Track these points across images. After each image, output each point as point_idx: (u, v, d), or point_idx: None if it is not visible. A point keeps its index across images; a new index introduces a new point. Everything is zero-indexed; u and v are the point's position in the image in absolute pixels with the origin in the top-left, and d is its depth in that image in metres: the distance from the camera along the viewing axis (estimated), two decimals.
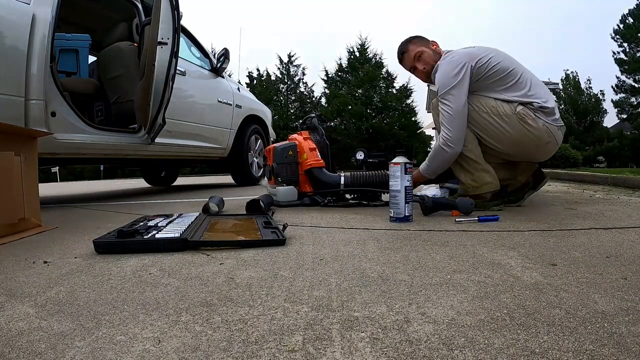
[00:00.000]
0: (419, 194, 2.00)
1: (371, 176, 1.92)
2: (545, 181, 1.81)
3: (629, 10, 18.59)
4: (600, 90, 19.53)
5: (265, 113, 4.48)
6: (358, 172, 1.97)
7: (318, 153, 2.05)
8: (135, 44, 2.95)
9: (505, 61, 1.63)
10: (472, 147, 1.65)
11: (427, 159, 1.75)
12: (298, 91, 20.03)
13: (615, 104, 19.48)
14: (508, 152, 1.69)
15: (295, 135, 2.18)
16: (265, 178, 2.26)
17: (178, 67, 2.66)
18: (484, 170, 1.65)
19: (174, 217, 1.43)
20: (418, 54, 1.76)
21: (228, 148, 3.76)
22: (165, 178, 5.10)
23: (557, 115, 1.67)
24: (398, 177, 1.41)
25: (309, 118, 2.27)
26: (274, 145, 2.12)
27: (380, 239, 1.12)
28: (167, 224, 1.25)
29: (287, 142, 2.11)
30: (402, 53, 1.82)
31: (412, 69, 1.82)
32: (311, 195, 2.01)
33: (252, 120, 4.14)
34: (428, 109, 21.99)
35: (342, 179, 1.94)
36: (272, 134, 4.61)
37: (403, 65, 1.86)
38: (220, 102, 3.61)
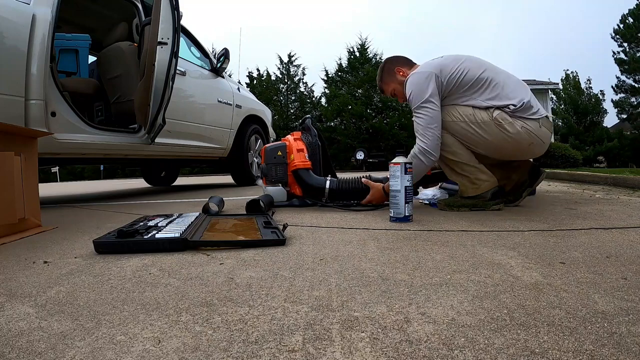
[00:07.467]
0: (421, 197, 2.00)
1: (356, 182, 1.88)
2: (542, 177, 1.78)
3: (629, 10, 18.56)
4: (600, 90, 19.48)
5: (265, 113, 4.48)
6: (344, 177, 1.95)
7: (306, 154, 2.02)
8: (135, 44, 2.95)
9: (474, 67, 1.62)
10: (459, 151, 1.65)
11: None
12: (298, 91, 20.02)
13: (615, 104, 19.45)
14: (494, 157, 1.71)
15: (288, 136, 2.17)
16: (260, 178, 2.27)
17: (178, 67, 2.66)
18: (478, 170, 1.65)
19: (174, 217, 1.43)
20: (392, 93, 1.87)
21: (228, 148, 3.76)
22: (165, 178, 5.10)
23: (536, 108, 1.57)
24: (398, 177, 1.41)
25: (304, 119, 2.27)
26: (266, 145, 2.12)
27: (380, 239, 1.12)
28: (167, 224, 1.25)
29: (277, 142, 2.10)
30: (381, 92, 1.93)
31: None
32: (300, 196, 2.01)
33: (252, 120, 4.14)
34: None
35: (328, 183, 1.92)
36: (272, 134, 4.61)
37: None
38: (220, 102, 3.61)
